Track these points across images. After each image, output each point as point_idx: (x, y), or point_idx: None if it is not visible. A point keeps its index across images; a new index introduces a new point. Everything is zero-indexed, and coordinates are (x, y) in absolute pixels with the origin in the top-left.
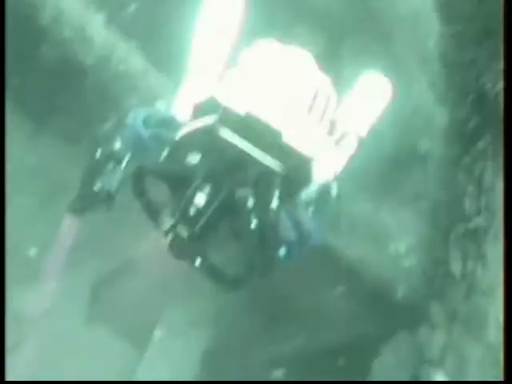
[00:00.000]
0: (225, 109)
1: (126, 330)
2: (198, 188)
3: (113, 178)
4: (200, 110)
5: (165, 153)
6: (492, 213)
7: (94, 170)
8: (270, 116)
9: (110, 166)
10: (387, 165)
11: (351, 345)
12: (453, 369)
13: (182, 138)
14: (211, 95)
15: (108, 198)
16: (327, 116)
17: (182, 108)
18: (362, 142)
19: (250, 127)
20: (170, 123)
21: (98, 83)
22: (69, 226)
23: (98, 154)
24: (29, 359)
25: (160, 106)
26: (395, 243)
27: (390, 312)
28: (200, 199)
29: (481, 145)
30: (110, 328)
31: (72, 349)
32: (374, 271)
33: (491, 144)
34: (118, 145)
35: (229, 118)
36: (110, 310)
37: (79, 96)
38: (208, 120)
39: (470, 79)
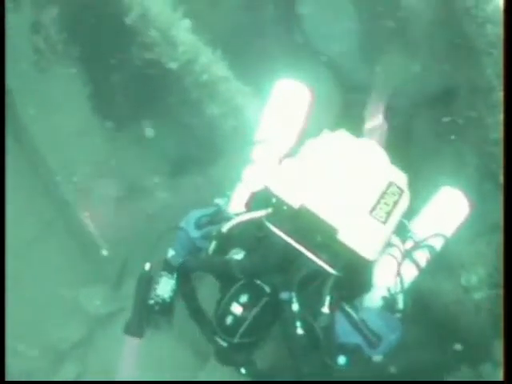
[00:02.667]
0: (278, 200)
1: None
2: (237, 293)
3: (167, 288)
4: (254, 201)
5: (212, 246)
6: None
7: (146, 284)
8: (328, 211)
9: (164, 275)
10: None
11: (412, 375)
12: None
13: (230, 230)
14: (266, 185)
15: (164, 309)
16: (396, 215)
17: (237, 200)
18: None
19: (303, 222)
20: (223, 217)
21: (180, 88)
22: (130, 347)
23: (147, 266)
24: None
25: (218, 202)
26: (468, 274)
27: (453, 345)
28: (237, 307)
29: None
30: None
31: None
32: (443, 300)
33: None
34: (171, 252)
35: (281, 211)
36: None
37: (161, 100)
38: (259, 212)
39: None
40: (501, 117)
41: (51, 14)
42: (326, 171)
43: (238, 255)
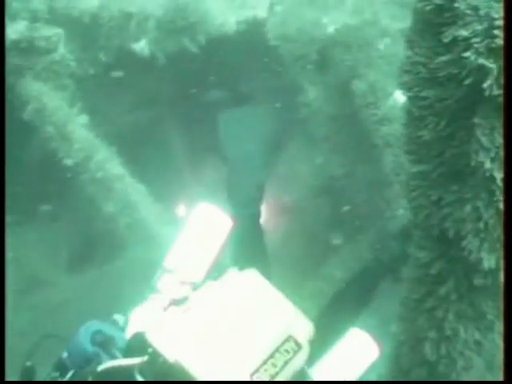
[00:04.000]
0: (154, 351)
1: None
2: None
3: None
4: (132, 343)
5: (90, 379)
6: (453, 360)
7: (34, 371)
8: (204, 371)
9: (54, 372)
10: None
11: None
12: None
13: (103, 372)
14: (144, 332)
15: None
16: (283, 377)
17: (134, 325)
18: None
19: (175, 379)
20: (114, 344)
21: (77, 184)
22: None
23: (29, 363)
24: None
25: (117, 318)
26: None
27: None
28: None
29: (443, 290)
30: None
31: None
32: None
33: (454, 290)
34: (65, 354)
35: (156, 363)
36: None
37: (58, 196)
38: (132, 360)
39: (435, 220)
40: (400, 211)
41: None
42: (213, 324)
43: None
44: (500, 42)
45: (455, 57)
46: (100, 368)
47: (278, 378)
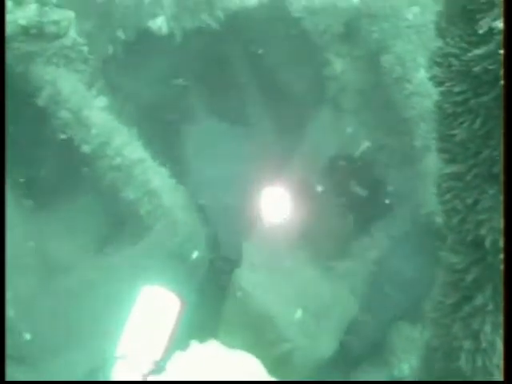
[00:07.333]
0: None
1: None
2: None
3: None
4: None
5: None
6: (489, 373)
7: None
8: None
9: None
10: None
11: None
12: None
13: None
14: None
15: None
16: None
17: None
18: None
19: None
20: None
21: (94, 171)
22: None
23: None
24: None
25: None
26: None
27: None
28: None
29: (480, 298)
30: None
31: None
32: None
33: (492, 299)
34: None
35: None
36: None
37: (75, 185)
38: None
39: (470, 225)
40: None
41: None
42: None
43: None
44: None
45: (492, 50)
46: None
47: None
